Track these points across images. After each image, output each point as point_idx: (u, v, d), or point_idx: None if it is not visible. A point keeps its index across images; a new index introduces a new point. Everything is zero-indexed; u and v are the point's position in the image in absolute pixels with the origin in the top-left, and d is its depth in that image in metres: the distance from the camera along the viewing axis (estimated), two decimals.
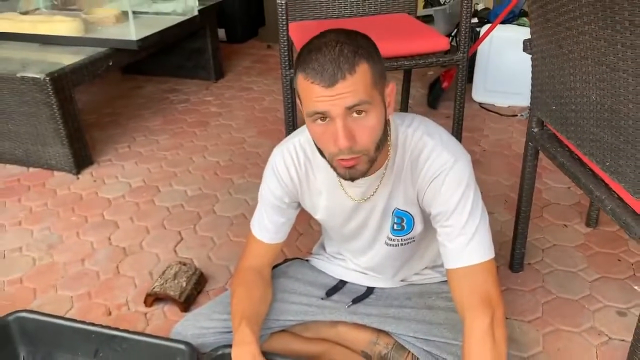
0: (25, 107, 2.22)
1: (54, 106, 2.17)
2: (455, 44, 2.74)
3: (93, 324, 1.30)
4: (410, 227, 1.18)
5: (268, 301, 1.26)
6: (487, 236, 1.07)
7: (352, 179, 1.01)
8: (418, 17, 3.22)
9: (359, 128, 0.94)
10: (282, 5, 1.88)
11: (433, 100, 2.83)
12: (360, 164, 0.98)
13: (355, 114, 0.93)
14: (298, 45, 2.05)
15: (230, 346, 1.12)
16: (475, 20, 2.99)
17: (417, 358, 1.22)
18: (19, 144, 2.33)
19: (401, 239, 1.21)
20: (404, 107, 2.63)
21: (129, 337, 1.27)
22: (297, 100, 1.01)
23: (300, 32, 2.15)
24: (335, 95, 0.91)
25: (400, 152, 1.09)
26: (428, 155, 1.07)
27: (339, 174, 1.02)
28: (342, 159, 0.97)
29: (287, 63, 1.96)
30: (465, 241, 1.04)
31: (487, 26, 2.67)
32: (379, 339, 1.29)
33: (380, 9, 2.33)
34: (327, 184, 1.17)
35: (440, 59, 1.93)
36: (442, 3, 3.55)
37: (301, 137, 1.17)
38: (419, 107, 2.84)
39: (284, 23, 1.92)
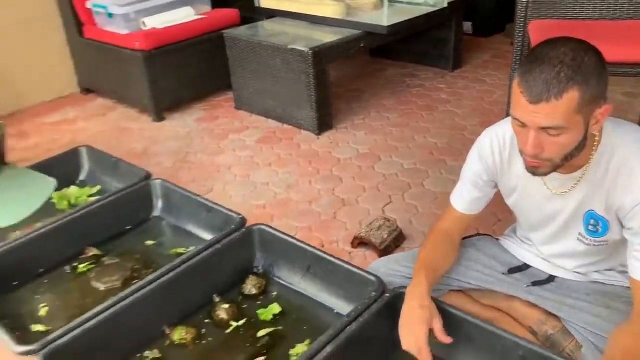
0: (290, 74, 2.72)
1: (311, 76, 2.62)
2: None
3: (311, 245, 1.65)
4: (605, 232, 1.24)
5: (451, 261, 1.44)
6: None
7: (534, 175, 1.16)
8: None
9: (549, 142, 1.06)
10: (523, 4, 1.98)
11: None
12: (542, 168, 1.12)
13: (549, 131, 1.04)
14: (535, 43, 2.12)
15: None
16: None
17: (581, 346, 1.29)
18: (279, 104, 2.86)
19: (594, 240, 1.28)
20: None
21: (335, 261, 1.58)
22: None
23: (539, 31, 2.20)
24: (535, 113, 1.02)
25: (606, 160, 1.16)
26: (636, 172, 1.11)
27: (526, 168, 1.16)
28: (527, 160, 1.12)
29: (519, 60, 2.05)
30: None
31: None
32: (547, 320, 1.38)
33: (628, 14, 2.22)
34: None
35: None
36: None
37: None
38: None
39: (521, 21, 2.02)
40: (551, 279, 1.43)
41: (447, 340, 1.24)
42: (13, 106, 3.16)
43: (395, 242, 1.85)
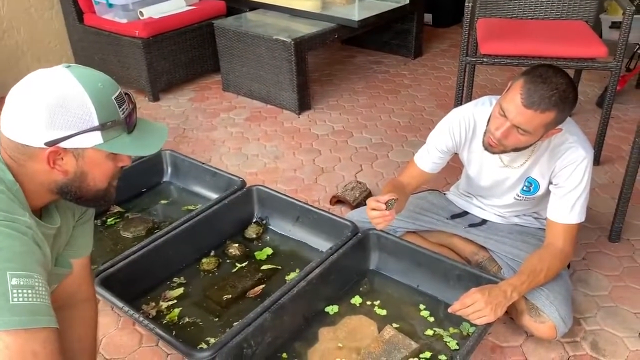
0: (273, 61, 3.11)
1: (293, 63, 3.02)
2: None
3: (298, 200, 2.09)
4: (535, 191, 1.69)
5: (405, 200, 1.78)
6: (583, 209, 1.57)
7: (486, 150, 1.54)
8: (615, 22, 3.48)
9: (513, 135, 1.42)
10: (468, 7, 2.42)
11: (602, 101, 3.09)
12: (497, 149, 1.50)
13: (519, 130, 1.41)
14: (480, 38, 2.57)
15: None
16: None
17: (501, 268, 1.77)
18: (264, 87, 3.26)
19: (525, 197, 1.73)
20: None
21: (318, 211, 2.02)
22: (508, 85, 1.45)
23: (485, 28, 2.66)
24: (521, 113, 1.37)
25: (546, 141, 1.56)
26: (568, 147, 1.54)
27: (482, 143, 1.56)
28: (490, 139, 1.49)
29: (465, 51, 2.51)
30: (569, 208, 1.56)
31: None
32: (479, 252, 1.86)
33: (560, 15, 2.71)
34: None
35: (595, 65, 2.30)
36: None
37: (479, 109, 1.64)
38: (587, 104, 3.14)
39: (468, 19, 2.46)
40: (484, 222, 1.91)
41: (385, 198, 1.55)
42: None
43: (365, 200, 2.29)
